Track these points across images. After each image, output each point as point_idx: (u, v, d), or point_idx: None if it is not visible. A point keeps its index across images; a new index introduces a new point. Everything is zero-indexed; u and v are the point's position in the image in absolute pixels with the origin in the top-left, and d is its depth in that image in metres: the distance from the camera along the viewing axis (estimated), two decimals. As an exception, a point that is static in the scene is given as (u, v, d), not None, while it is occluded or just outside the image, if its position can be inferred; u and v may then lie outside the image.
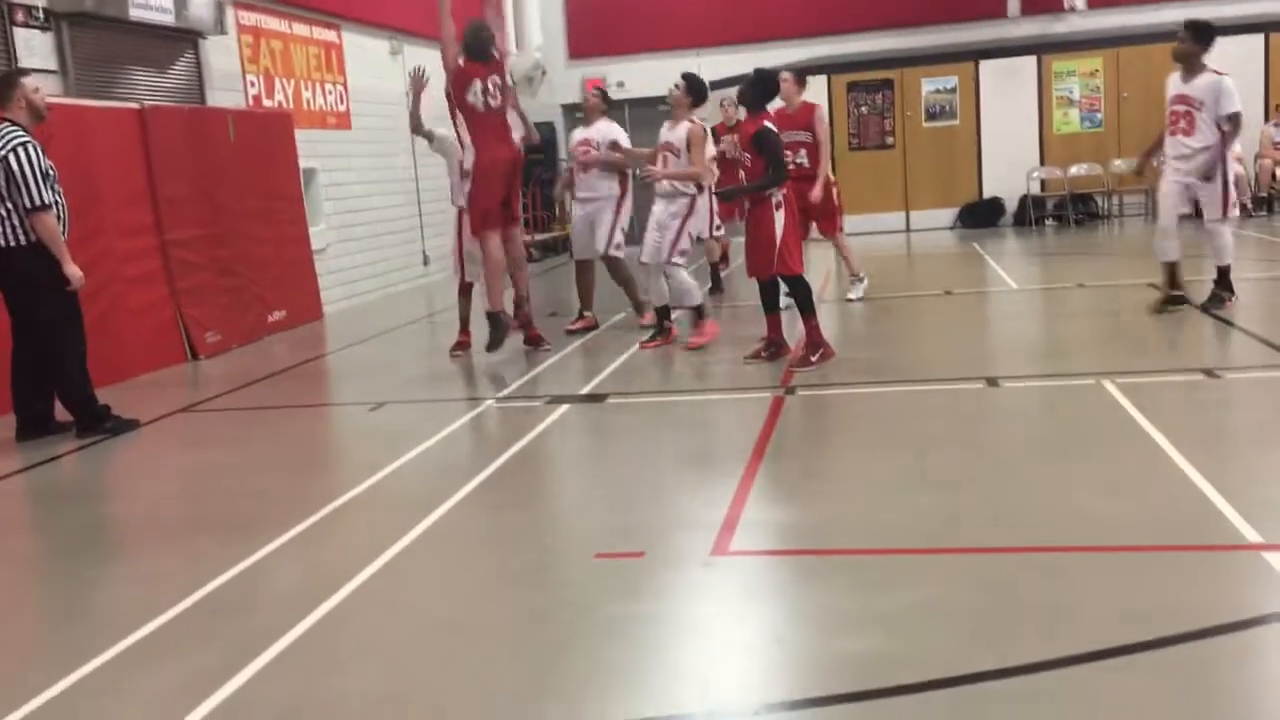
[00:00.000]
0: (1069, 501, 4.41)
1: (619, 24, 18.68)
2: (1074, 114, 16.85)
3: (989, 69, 16.90)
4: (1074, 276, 11.06)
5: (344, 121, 13.08)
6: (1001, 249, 14.28)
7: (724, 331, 8.65)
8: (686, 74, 8.65)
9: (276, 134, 11.24)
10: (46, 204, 6.31)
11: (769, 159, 7.20)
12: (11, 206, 6.30)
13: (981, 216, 17.02)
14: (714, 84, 17.49)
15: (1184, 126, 7.83)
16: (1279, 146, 15.82)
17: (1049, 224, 16.72)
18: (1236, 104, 7.72)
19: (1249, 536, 3.86)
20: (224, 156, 10.12)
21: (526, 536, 4.53)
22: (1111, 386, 6.10)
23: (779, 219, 7.24)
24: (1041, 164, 16.86)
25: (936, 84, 17.11)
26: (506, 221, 8.22)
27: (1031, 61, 16.80)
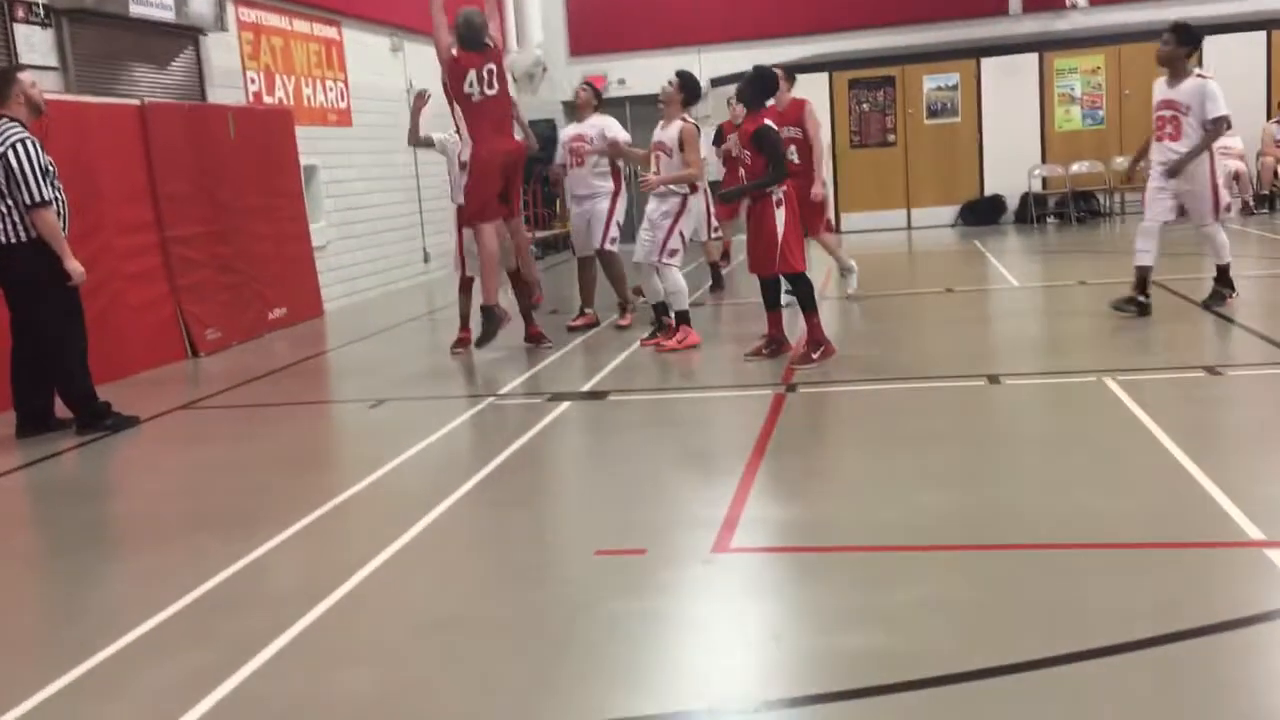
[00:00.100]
0: (1070, 498, 4.41)
1: (620, 21, 18.67)
2: (1075, 111, 16.84)
3: (990, 66, 16.88)
4: (1075, 274, 11.06)
5: (344, 118, 13.07)
6: (1003, 246, 14.26)
7: (726, 329, 8.65)
8: (681, 71, 8.61)
9: (277, 131, 11.23)
10: (47, 200, 6.31)
11: (769, 157, 7.18)
12: (12, 203, 6.29)
13: (983, 214, 17.01)
14: (715, 81, 17.68)
15: (1170, 131, 7.75)
16: (1280, 144, 15.80)
17: (1050, 221, 16.70)
18: (1221, 108, 7.62)
19: (1251, 533, 3.85)
20: (224, 153, 10.11)
21: (527, 534, 4.53)
22: (1113, 384, 6.09)
23: (780, 216, 7.23)
24: (1043, 161, 16.85)
25: (938, 81, 17.09)
26: (507, 214, 8.19)
27: (1033, 59, 16.79)
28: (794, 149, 9.17)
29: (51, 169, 6.41)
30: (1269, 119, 15.89)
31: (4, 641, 3.78)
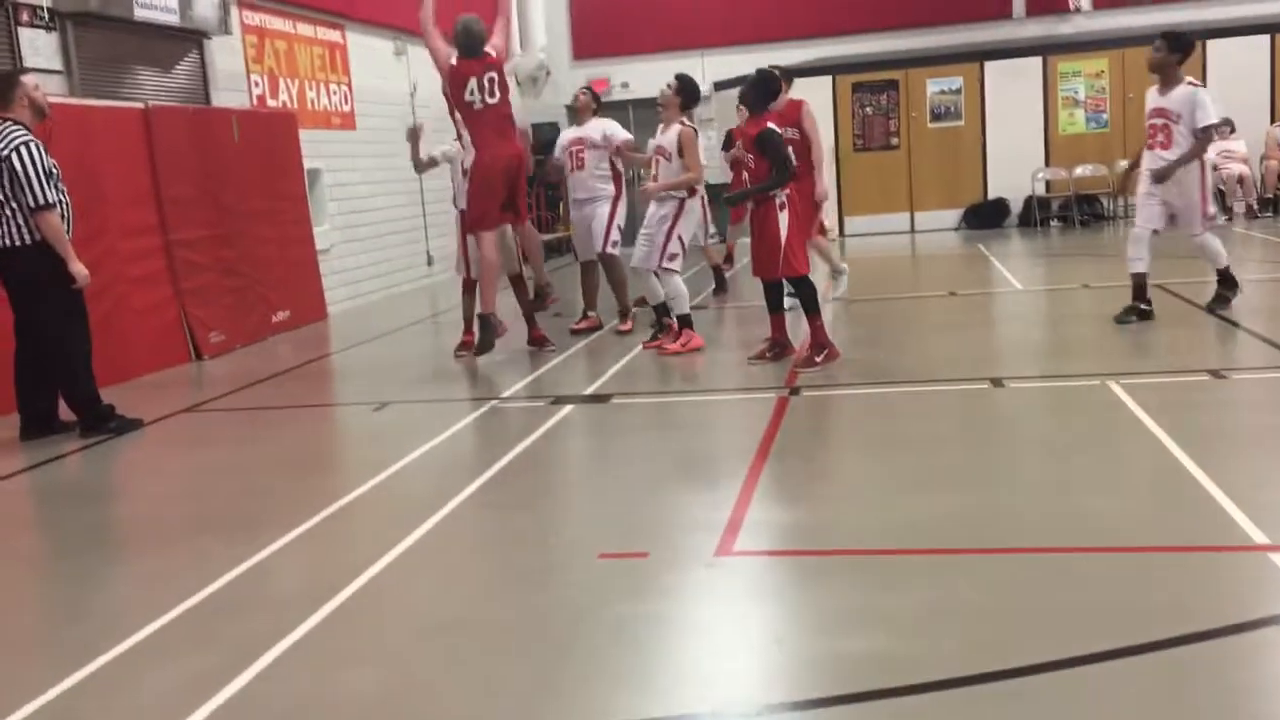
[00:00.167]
0: (1074, 502, 4.40)
1: (623, 25, 18.68)
2: (1079, 115, 16.83)
3: (994, 70, 16.87)
4: (1079, 277, 11.05)
5: (348, 122, 13.08)
6: (1006, 250, 14.26)
7: (729, 333, 8.65)
8: (679, 74, 8.59)
9: (281, 134, 11.24)
10: (51, 203, 6.32)
11: (773, 160, 7.18)
12: (16, 206, 6.30)
13: (986, 217, 17.00)
14: (718, 85, 17.69)
15: (1161, 140, 7.72)
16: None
17: (1054, 225, 16.69)
18: (1211, 117, 7.59)
19: (1256, 538, 3.84)
20: (228, 157, 10.12)
21: (530, 537, 4.53)
22: (1117, 387, 6.08)
23: (783, 220, 7.23)
24: (1046, 165, 16.84)
25: (941, 85, 17.08)
26: (514, 220, 8.18)
27: (1037, 62, 16.78)
28: (790, 150, 9.14)
29: (55, 172, 6.42)
30: (1272, 122, 15.90)
31: (7, 643, 3.78)
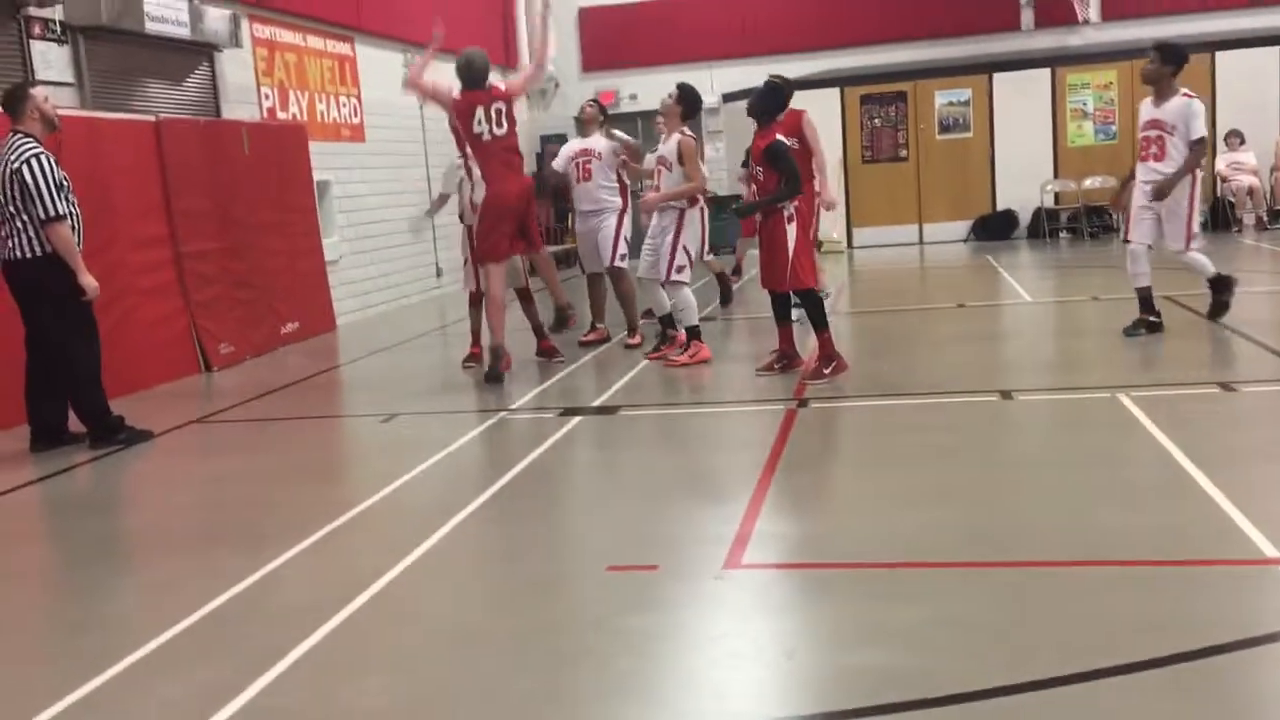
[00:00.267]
0: (1084, 515, 4.39)
1: (632, 37, 18.70)
2: (1088, 126, 16.82)
3: (1003, 81, 16.89)
4: (1088, 289, 11.03)
5: (358, 134, 13.13)
6: (1015, 262, 14.24)
7: (737, 344, 8.64)
8: (681, 84, 8.57)
9: (290, 146, 11.29)
10: (61, 215, 6.34)
11: (782, 172, 7.19)
12: (27, 218, 6.32)
13: (995, 229, 17.00)
14: (726, 97, 17.70)
15: (1155, 152, 7.69)
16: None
17: (1063, 237, 16.67)
18: (1203, 129, 7.56)
19: (1266, 551, 3.82)
20: (238, 169, 10.16)
21: (539, 548, 4.53)
22: (1126, 400, 6.06)
23: (791, 231, 7.23)
24: (1055, 176, 16.83)
25: (950, 96, 17.10)
26: (525, 249, 8.13)
27: (1045, 74, 16.79)
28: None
29: (66, 184, 6.44)
30: (1282, 134, 15.87)
31: (18, 654, 3.78)
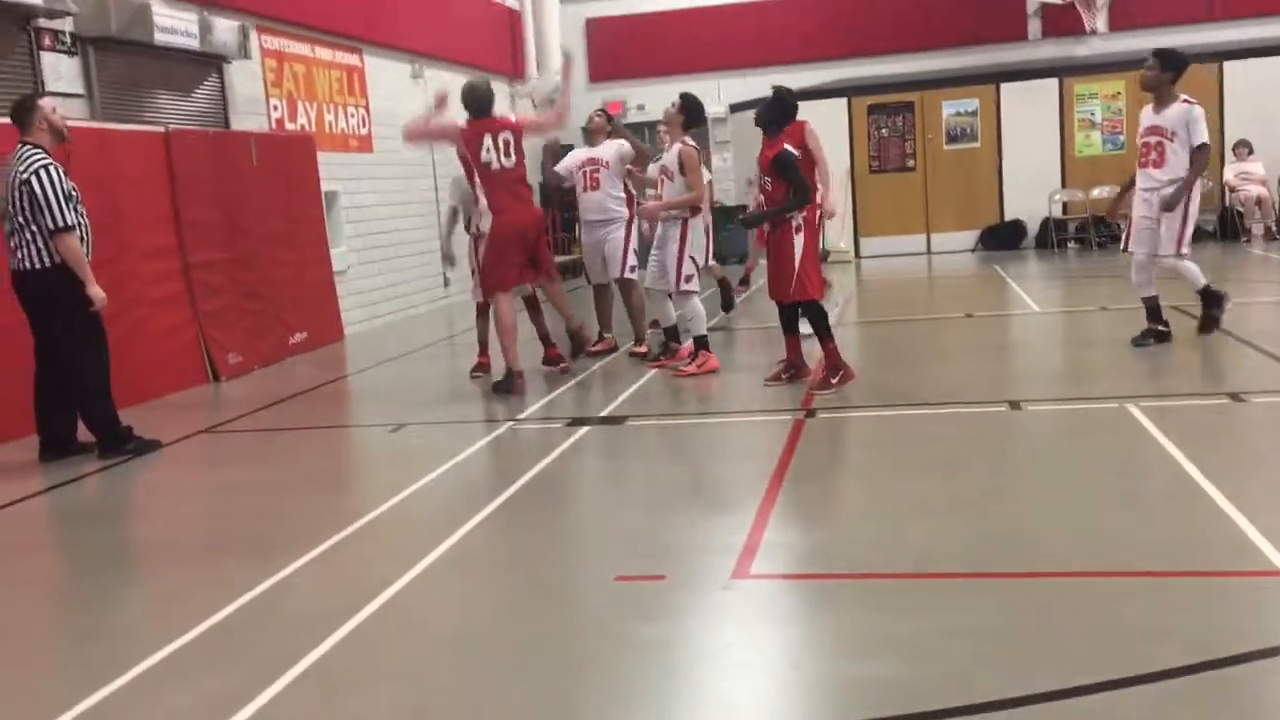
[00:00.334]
0: (1094, 526, 4.38)
1: (639, 48, 18.75)
2: (1096, 136, 16.80)
3: (1010, 91, 16.87)
4: (1096, 299, 11.00)
5: (365, 144, 13.17)
6: (1023, 271, 14.22)
7: (745, 354, 8.63)
8: (684, 94, 8.57)
9: (299, 157, 11.32)
10: (70, 225, 6.35)
11: (791, 182, 7.18)
12: (36, 229, 6.34)
13: (1003, 239, 16.98)
14: (734, 107, 17.73)
15: (1154, 158, 7.65)
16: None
17: (1071, 246, 16.65)
18: (1204, 135, 7.51)
19: (1276, 562, 3.81)
20: (247, 180, 10.20)
21: (547, 558, 4.53)
22: (1136, 410, 6.04)
23: (798, 242, 7.22)
24: (1063, 186, 16.81)
25: (957, 106, 17.10)
26: (534, 278, 8.11)
27: (1053, 84, 16.77)
28: None
29: (75, 194, 6.46)
30: (1291, 144, 15.83)
31: (26, 664, 3.79)
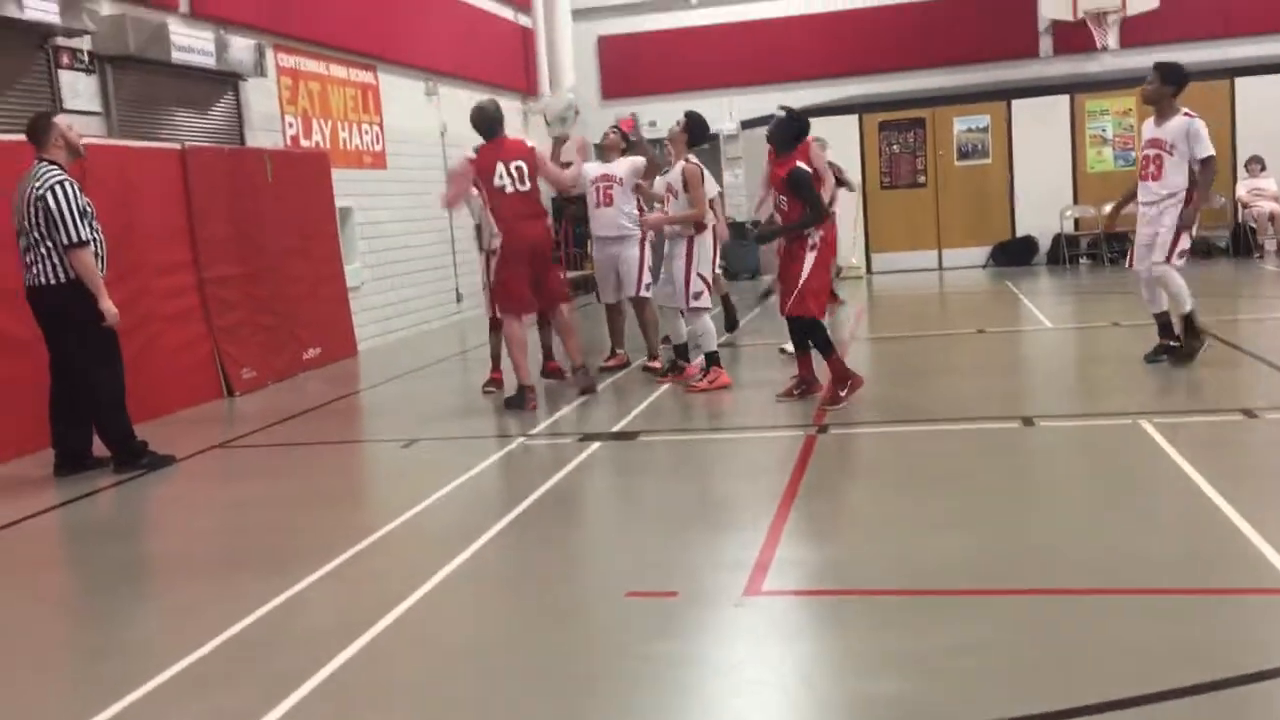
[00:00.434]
0: (1106, 543, 4.36)
1: (651, 64, 18.83)
2: (1108, 152, 16.79)
3: (1021, 108, 16.89)
4: (1109, 315, 10.97)
5: (379, 161, 13.23)
6: (1035, 287, 14.20)
7: (757, 371, 8.63)
8: (689, 112, 8.56)
9: (313, 173, 11.38)
10: (84, 240, 6.39)
11: (805, 199, 7.18)
12: (50, 244, 6.38)
13: (1014, 255, 16.96)
14: (746, 123, 17.76)
15: (1153, 171, 7.61)
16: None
17: (1083, 262, 16.63)
18: (1209, 148, 7.43)
19: (1291, 580, 3.80)
20: (262, 196, 10.25)
21: (558, 574, 4.53)
22: (1149, 426, 6.03)
23: (809, 260, 7.21)
24: (1075, 202, 16.79)
25: (969, 123, 17.12)
26: (548, 300, 8.11)
27: (1064, 100, 16.78)
28: None
29: (90, 211, 6.50)
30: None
31: (40, 679, 3.80)
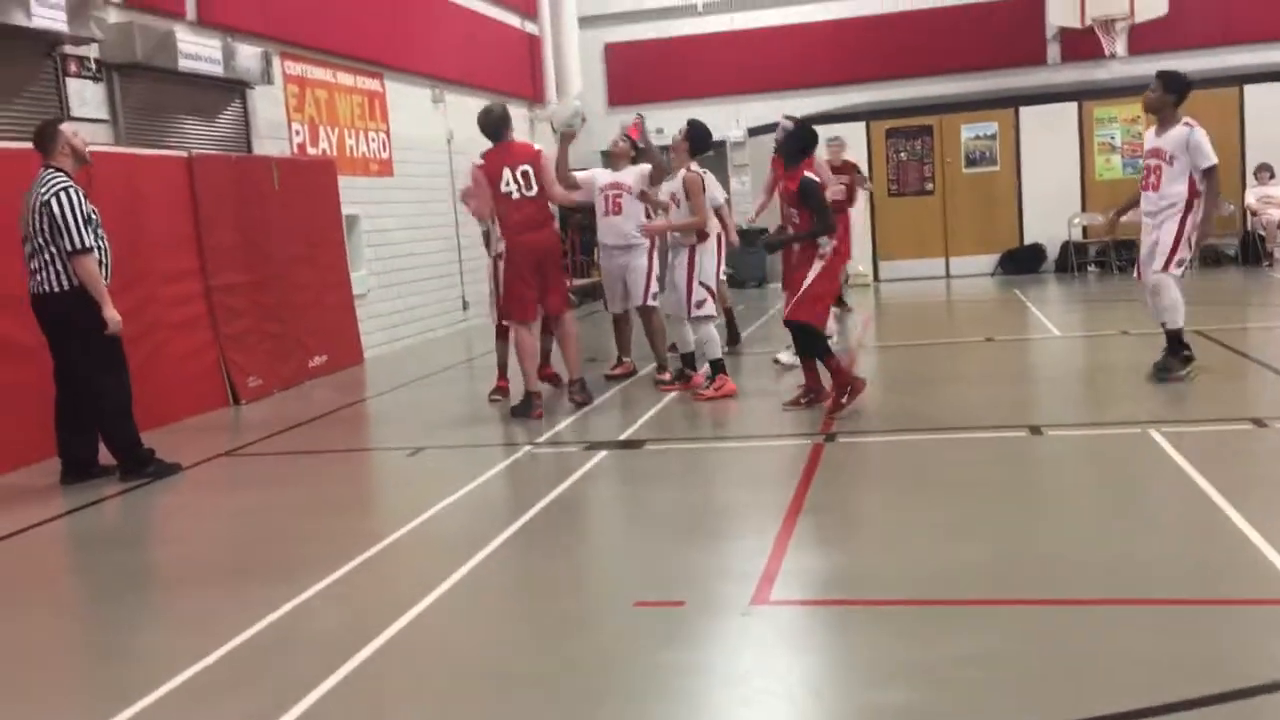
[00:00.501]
0: (1115, 553, 4.34)
1: (658, 72, 18.84)
2: (1116, 160, 16.77)
3: (1029, 115, 16.87)
4: (1117, 323, 10.95)
5: (386, 168, 13.25)
6: (1043, 295, 14.18)
7: (763, 383, 8.61)
8: (691, 120, 8.55)
9: (320, 181, 11.39)
10: (87, 247, 6.37)
11: (813, 209, 7.16)
12: (54, 251, 6.37)
13: (1023, 263, 16.94)
14: (752, 131, 17.78)
15: (1153, 181, 7.55)
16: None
17: (1091, 270, 16.59)
18: (1211, 157, 7.32)
19: (1303, 590, 3.77)
20: (269, 204, 10.26)
21: (565, 583, 4.52)
22: (1158, 435, 6.00)
23: (815, 268, 7.20)
24: (1083, 210, 16.76)
25: (976, 130, 17.11)
26: (549, 307, 8.09)
27: (1072, 108, 16.77)
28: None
29: (95, 218, 6.49)
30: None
31: (48, 687, 3.80)
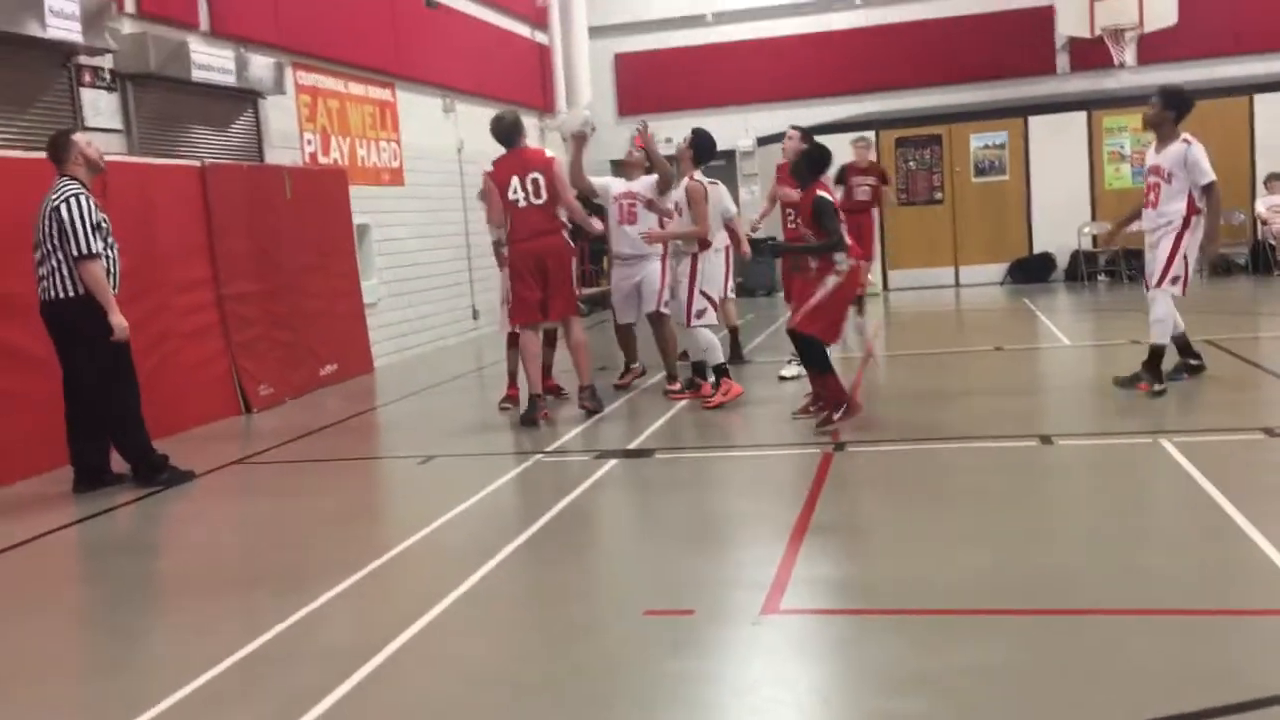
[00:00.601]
0: (1126, 563, 4.34)
1: (668, 82, 18.88)
2: (1125, 169, 16.74)
3: (1038, 124, 16.87)
4: (1127, 333, 10.91)
5: (397, 178, 13.30)
6: (1053, 305, 14.16)
7: (773, 391, 8.61)
8: (696, 129, 8.55)
9: (331, 190, 11.44)
10: (94, 253, 6.39)
11: (825, 228, 7.12)
12: (62, 257, 6.40)
13: (1032, 272, 16.92)
14: (762, 140, 17.79)
15: (1153, 199, 7.53)
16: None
17: (1101, 279, 16.57)
18: (1209, 174, 7.28)
19: (1314, 601, 3.77)
20: (280, 213, 10.31)
21: (575, 592, 4.53)
22: (1169, 445, 5.99)
23: (828, 283, 7.16)
24: (1093, 219, 16.74)
25: (986, 139, 17.10)
26: (555, 313, 8.10)
27: (1081, 117, 16.75)
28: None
29: (105, 225, 6.51)
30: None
31: (56, 695, 3.82)
